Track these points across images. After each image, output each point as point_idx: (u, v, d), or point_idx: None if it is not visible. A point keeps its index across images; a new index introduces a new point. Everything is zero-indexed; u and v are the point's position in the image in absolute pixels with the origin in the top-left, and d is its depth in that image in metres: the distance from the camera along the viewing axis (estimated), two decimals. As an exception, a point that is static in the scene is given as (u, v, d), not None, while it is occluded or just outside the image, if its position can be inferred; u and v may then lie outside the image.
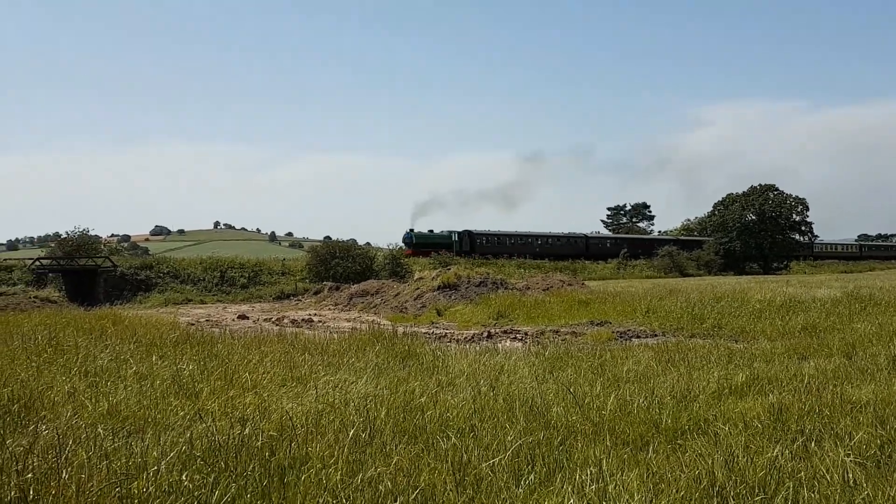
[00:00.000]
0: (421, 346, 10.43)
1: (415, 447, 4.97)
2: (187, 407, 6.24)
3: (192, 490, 3.73)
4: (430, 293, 21.49)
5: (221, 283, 37.77)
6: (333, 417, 5.73)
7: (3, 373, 7.69)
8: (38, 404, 6.31)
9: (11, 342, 10.55)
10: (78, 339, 10.89)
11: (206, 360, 8.74)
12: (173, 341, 10.78)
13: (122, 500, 3.52)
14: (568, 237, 70.74)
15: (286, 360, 8.80)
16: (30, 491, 3.33)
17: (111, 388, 7.03)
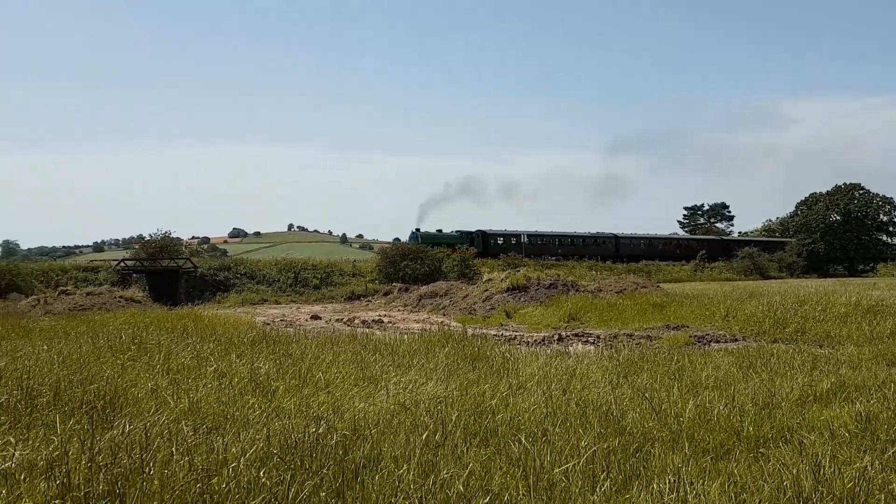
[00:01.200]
0: (490, 348, 10.38)
1: (486, 450, 4.93)
2: (264, 405, 6.38)
3: (270, 487, 3.79)
4: (498, 295, 21.40)
5: (295, 284, 38.70)
6: (404, 418, 5.75)
7: (90, 370, 8.03)
8: (122, 401, 6.57)
9: (98, 341, 11.04)
10: (160, 338, 11.32)
11: (282, 360, 8.93)
12: (250, 340, 11.06)
13: (203, 495, 3.61)
14: (595, 237, 66.16)
15: (358, 361, 8.90)
16: (117, 485, 3.45)
17: (192, 385, 7.27)
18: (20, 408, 6.17)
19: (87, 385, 7.04)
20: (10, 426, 5.60)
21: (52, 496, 3.42)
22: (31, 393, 6.63)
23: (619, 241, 66.25)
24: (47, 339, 11.53)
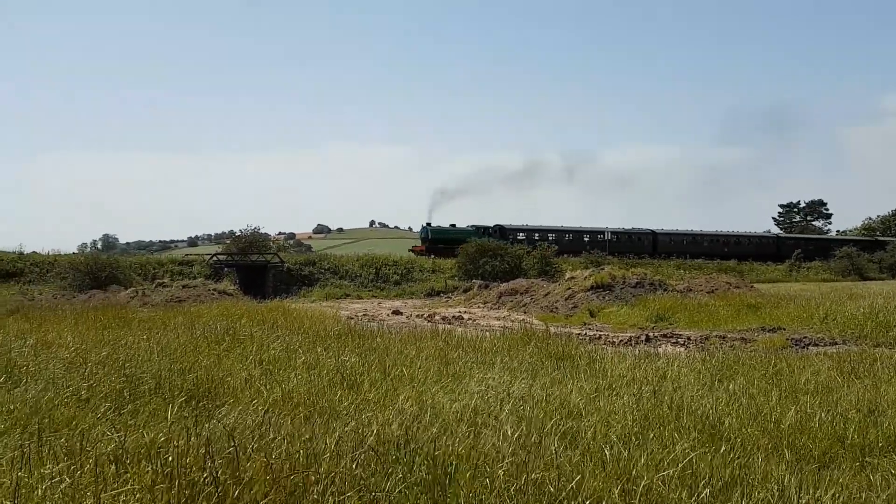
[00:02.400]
0: (575, 347, 10.21)
1: (575, 452, 4.84)
2: (351, 397, 6.48)
3: (364, 479, 3.83)
4: (581, 293, 21.05)
5: (376, 280, 39.32)
6: (490, 416, 5.72)
7: (188, 360, 8.38)
8: (219, 390, 6.81)
9: (194, 331, 11.50)
10: (252, 330, 11.70)
11: (366, 354, 9.07)
12: (336, 334, 11.29)
13: (300, 485, 3.67)
14: (630, 233, 60.60)
15: (441, 356, 8.93)
16: (219, 471, 3.55)
17: (283, 376, 7.47)
18: (125, 395, 6.49)
19: (187, 374, 7.34)
20: (116, 411, 5.90)
21: (158, 480, 3.55)
22: (135, 381, 6.96)
23: (657, 237, 61.09)
24: (146, 330, 12.11)
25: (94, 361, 8.09)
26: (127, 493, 3.36)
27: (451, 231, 54.81)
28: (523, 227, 57.88)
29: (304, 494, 3.65)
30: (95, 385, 6.77)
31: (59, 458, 4.02)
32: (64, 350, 9.12)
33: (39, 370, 7.44)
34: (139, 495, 3.35)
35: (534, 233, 57.03)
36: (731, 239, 64.13)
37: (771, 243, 65.60)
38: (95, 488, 3.37)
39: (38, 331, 11.71)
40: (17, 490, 3.17)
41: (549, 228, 58.77)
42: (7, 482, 3.33)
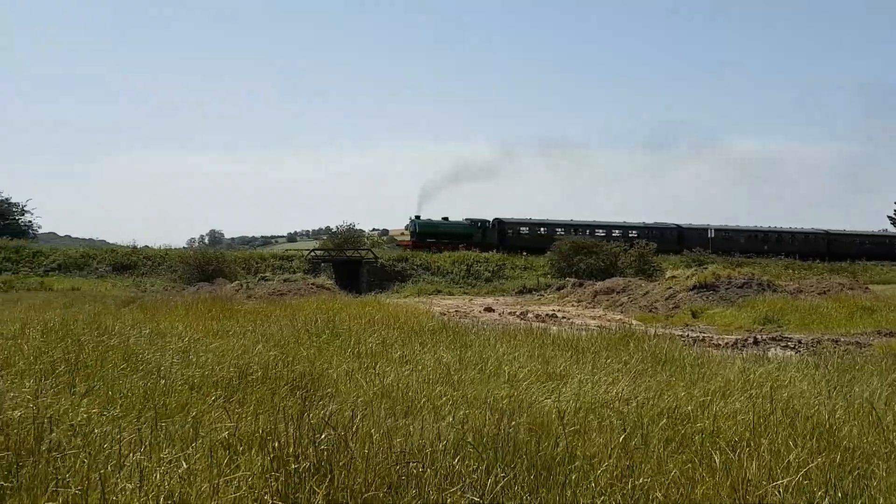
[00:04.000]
0: (678, 349, 9.84)
1: (681, 457, 4.65)
2: (449, 393, 6.48)
3: (465, 475, 3.80)
4: (683, 293, 20.35)
5: (467, 276, 39.52)
6: (592, 418, 5.58)
7: (291, 351, 8.62)
8: (320, 381, 6.97)
9: (296, 324, 11.86)
10: (349, 324, 11.95)
11: (462, 350, 9.06)
12: (430, 329, 11.36)
13: (402, 478, 3.68)
14: (652, 228, 54.87)
15: (538, 355, 8.80)
16: (325, 461, 3.61)
17: (381, 370, 7.56)
18: (233, 383, 6.74)
19: (290, 365, 7.56)
20: (226, 399, 6.12)
21: (267, 468, 3.64)
22: (242, 370, 7.22)
23: (683, 232, 55.55)
24: (251, 321, 12.59)
25: (204, 351, 8.46)
26: (240, 478, 3.46)
27: (441, 225, 50.89)
28: (528, 221, 53.09)
29: (406, 488, 3.65)
30: (207, 373, 7.06)
31: (175, 443, 4.21)
32: (177, 339, 9.59)
33: (155, 358, 7.83)
34: (251, 481, 3.44)
35: (537, 227, 52.60)
36: (785, 236, 58.73)
37: (820, 240, 59.31)
38: (210, 473, 3.49)
39: (152, 321, 12.38)
40: (141, 474, 3.32)
41: (558, 222, 53.76)
42: (129, 465, 3.50)
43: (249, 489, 3.38)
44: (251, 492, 3.37)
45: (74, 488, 3.14)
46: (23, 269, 35.15)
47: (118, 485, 3.19)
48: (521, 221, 52.90)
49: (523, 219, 53.25)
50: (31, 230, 49.95)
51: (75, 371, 6.82)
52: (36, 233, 51.03)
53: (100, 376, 6.69)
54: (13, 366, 6.91)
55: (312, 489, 3.40)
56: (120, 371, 7.01)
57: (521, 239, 51.46)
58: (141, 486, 3.22)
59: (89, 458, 3.68)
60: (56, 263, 36.62)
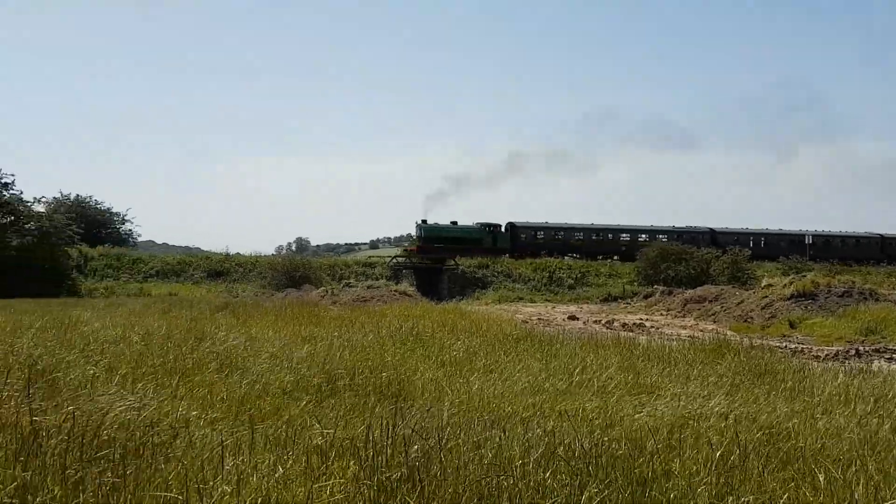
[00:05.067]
0: (777, 361, 9.38)
1: (784, 475, 4.40)
2: (536, 403, 6.38)
3: (557, 490, 3.71)
4: (779, 302, 19.42)
5: (549, 284, 39.13)
6: (688, 433, 5.36)
7: (376, 358, 8.71)
8: (406, 389, 6.99)
9: (380, 330, 12.00)
10: (433, 331, 11.99)
11: (548, 359, 8.92)
12: (515, 338, 11.25)
13: (492, 490, 3.62)
14: (682, 232, 51.06)
15: (628, 366, 8.57)
16: (414, 471, 3.59)
17: (466, 378, 7.52)
18: (323, 389, 6.85)
19: (376, 372, 7.63)
20: (316, 405, 6.23)
21: (359, 475, 3.66)
22: (331, 376, 7.34)
23: (716, 236, 52.24)
24: (338, 327, 12.83)
25: (294, 356, 8.66)
26: (333, 485, 3.49)
27: (449, 229, 48.19)
28: (542, 225, 50.39)
29: (496, 500, 3.59)
30: (297, 378, 7.21)
31: (270, 447, 4.30)
32: (268, 344, 9.87)
33: (248, 363, 8.07)
34: (344, 487, 3.46)
35: (555, 231, 49.97)
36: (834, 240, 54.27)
37: (874, 245, 54.91)
38: (305, 478, 3.54)
39: (244, 325, 12.81)
40: (240, 477, 3.40)
41: (576, 226, 51.00)
42: (228, 467, 3.59)
43: (343, 496, 3.40)
44: (345, 498, 3.39)
45: (177, 490, 3.23)
46: (123, 276, 37.13)
47: (217, 487, 3.27)
48: (537, 225, 50.50)
49: (539, 223, 50.89)
50: (131, 238, 52.78)
51: (175, 374, 7.10)
52: (136, 241, 53.89)
53: (198, 380, 6.95)
54: (117, 369, 7.25)
55: (403, 498, 3.39)
56: (216, 375, 7.25)
57: (536, 244, 49.00)
58: (239, 490, 3.29)
59: (189, 459, 3.80)
60: (154, 270, 38.52)
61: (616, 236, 50.87)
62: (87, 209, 49.32)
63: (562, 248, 48.55)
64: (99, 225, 48.93)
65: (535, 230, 50.15)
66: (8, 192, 32.35)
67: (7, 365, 7.03)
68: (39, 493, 3.04)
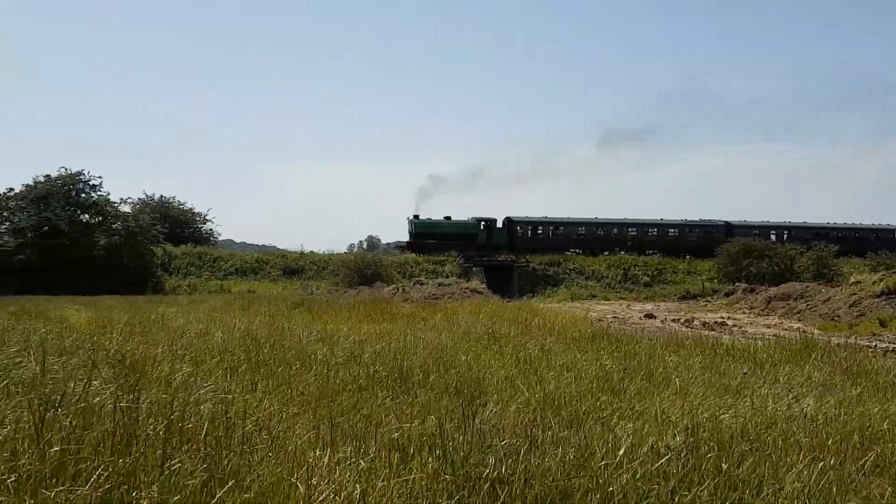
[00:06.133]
0: (869, 361, 8.90)
1: (882, 481, 4.17)
2: (615, 403, 6.23)
3: (646, 492, 3.60)
4: (869, 300, 18.46)
5: (624, 281, 38.43)
6: (777, 435, 5.13)
7: (450, 355, 8.70)
8: (481, 386, 6.95)
9: (452, 328, 12.02)
10: (506, 328, 11.93)
11: (626, 358, 8.72)
12: (590, 336, 11.06)
13: (577, 491, 3.54)
14: (694, 226, 48.50)
15: (710, 366, 8.30)
16: (497, 469, 3.55)
17: (541, 376, 7.43)
18: (397, 384, 6.89)
19: (450, 368, 7.63)
20: (392, 400, 6.27)
21: (439, 471, 3.64)
22: (405, 372, 7.38)
23: (733, 229, 48.42)
24: (409, 324, 12.93)
25: (368, 352, 8.76)
26: (413, 480, 3.48)
27: (441, 224, 46.54)
28: (541, 220, 48.14)
29: (582, 501, 3.51)
30: (372, 374, 7.28)
31: (350, 442, 4.34)
32: (343, 340, 10.02)
33: (325, 358, 8.21)
34: (425, 484, 3.45)
35: (555, 226, 47.69)
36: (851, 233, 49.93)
37: None
38: (386, 473, 3.55)
39: (319, 321, 13.07)
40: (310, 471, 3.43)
41: (580, 221, 48.45)
42: (311, 461, 3.64)
43: (424, 492, 3.38)
44: (426, 495, 3.38)
45: (264, 482, 3.29)
46: (205, 274, 38.52)
47: (301, 480, 3.31)
48: (536, 220, 48.21)
49: (538, 217, 48.54)
50: (211, 237, 54.60)
51: (256, 369, 7.29)
52: (216, 240, 55.72)
53: (277, 374, 7.11)
54: (202, 364, 7.49)
55: (486, 497, 3.35)
56: (295, 370, 7.40)
57: (535, 239, 47.06)
58: (322, 483, 3.32)
59: (274, 452, 3.87)
60: (233, 268, 39.80)
61: (622, 230, 48.53)
62: (171, 209, 51.31)
63: (563, 243, 46.82)
64: (181, 224, 50.84)
65: (533, 225, 48.16)
66: (96, 194, 33.97)
67: (100, 359, 7.37)
68: (140, 481, 3.14)
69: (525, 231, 47.38)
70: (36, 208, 31.74)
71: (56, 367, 6.39)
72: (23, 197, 32.43)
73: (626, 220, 49.10)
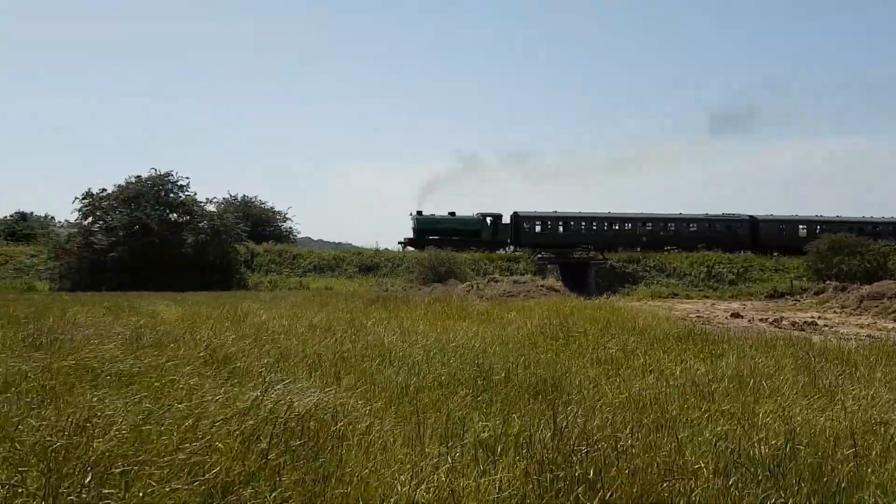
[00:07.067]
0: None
1: None
2: (703, 406, 6.05)
3: (740, 497, 3.48)
4: (973, 299, 17.30)
5: (708, 279, 37.28)
6: (874, 440, 4.87)
7: (528, 354, 8.64)
8: (562, 386, 6.86)
9: (530, 327, 11.91)
10: (585, 328, 11.74)
11: (713, 360, 8.45)
12: (675, 336, 10.76)
13: (670, 495, 3.46)
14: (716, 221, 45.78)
15: (802, 367, 7.95)
16: (590, 471, 3.49)
17: (624, 377, 7.27)
18: (478, 383, 6.89)
19: (529, 368, 7.57)
20: (473, 398, 6.27)
21: (528, 472, 3.61)
22: (485, 370, 7.37)
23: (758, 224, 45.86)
24: (485, 322, 12.91)
25: (446, 350, 8.80)
26: (501, 480, 3.47)
27: (444, 220, 45.47)
28: (550, 215, 46.20)
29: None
30: (452, 372, 7.31)
31: (435, 439, 4.36)
32: (421, 337, 10.10)
33: (405, 355, 8.29)
34: (514, 484, 3.43)
35: (565, 222, 45.63)
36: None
37: None
38: (473, 471, 3.55)
39: (395, 318, 13.21)
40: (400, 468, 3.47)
41: (592, 216, 46.37)
42: (401, 458, 3.68)
43: (513, 492, 3.37)
44: (515, 494, 3.36)
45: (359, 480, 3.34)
46: (285, 270, 39.59)
47: (394, 476, 3.35)
48: (544, 215, 46.32)
49: (546, 212, 46.63)
50: (291, 235, 56.02)
51: (339, 365, 7.43)
52: (295, 238, 57.14)
53: (359, 370, 7.22)
54: (288, 359, 7.70)
55: (578, 499, 3.30)
56: (376, 366, 7.50)
57: (543, 235, 45.32)
58: (412, 480, 3.35)
59: (364, 448, 3.93)
60: (312, 265, 40.75)
61: (635, 226, 46.18)
62: (253, 208, 52.90)
63: (572, 239, 44.95)
64: (263, 223, 52.37)
65: (542, 220, 46.35)
66: (184, 194, 35.33)
67: (192, 354, 7.69)
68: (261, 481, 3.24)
69: (532, 227, 45.83)
70: (127, 208, 33.28)
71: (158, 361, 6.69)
72: (115, 197, 34.03)
73: (641, 215, 47.12)
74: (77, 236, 33.28)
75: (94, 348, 7.39)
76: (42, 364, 6.12)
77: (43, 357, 6.60)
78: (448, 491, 3.24)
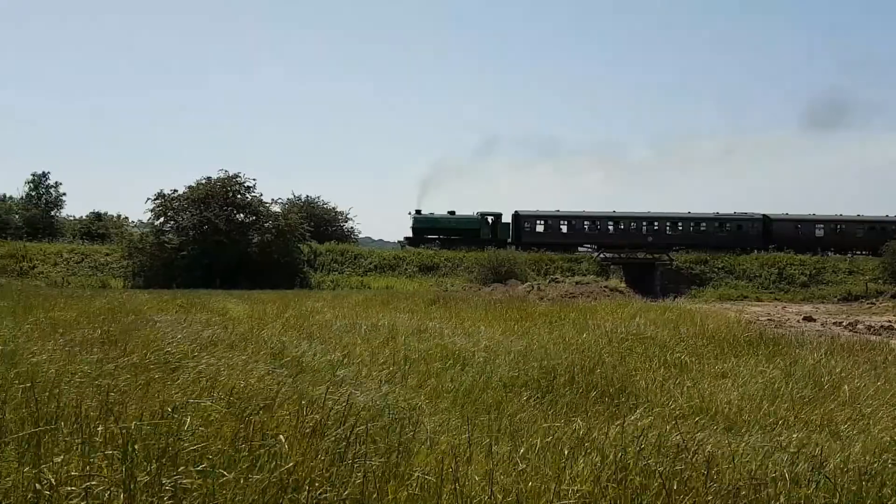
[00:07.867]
0: None
1: None
2: (779, 413, 5.86)
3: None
4: None
5: (779, 281, 36.13)
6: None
7: (593, 356, 8.50)
8: (629, 389, 6.74)
9: (594, 328, 11.74)
10: (652, 330, 11.51)
11: (787, 364, 8.17)
12: (746, 340, 10.46)
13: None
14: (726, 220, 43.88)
15: (882, 374, 7.62)
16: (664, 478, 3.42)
17: (694, 381, 7.09)
18: (541, 384, 6.83)
19: (594, 370, 7.46)
20: (537, 399, 6.22)
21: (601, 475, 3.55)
22: (549, 372, 7.30)
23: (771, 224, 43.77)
24: (547, 323, 12.78)
25: (509, 351, 8.75)
26: (574, 482, 3.42)
27: (442, 219, 44.99)
28: (553, 214, 45.06)
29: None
30: (515, 373, 7.27)
31: (503, 440, 4.34)
32: (482, 338, 10.08)
33: (468, 356, 8.29)
34: (586, 487, 3.38)
35: (567, 221, 44.59)
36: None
37: None
38: (545, 474, 3.51)
39: (456, 318, 13.21)
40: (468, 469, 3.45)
41: (596, 215, 45.19)
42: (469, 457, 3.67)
43: (586, 495, 3.31)
44: (588, 497, 3.31)
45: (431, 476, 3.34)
46: (346, 270, 40.12)
47: (468, 476, 3.34)
48: (546, 215, 45.18)
49: (549, 211, 45.48)
50: (353, 235, 56.80)
51: (404, 364, 7.48)
52: (357, 237, 57.90)
53: (423, 370, 7.26)
54: (356, 357, 7.80)
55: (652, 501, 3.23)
56: (440, 367, 7.52)
57: (545, 234, 44.22)
58: (487, 481, 3.32)
59: (433, 447, 3.94)
60: (372, 265, 41.18)
61: (640, 226, 44.76)
62: (316, 209, 53.80)
63: (574, 239, 44.25)
64: (325, 223, 53.22)
65: (543, 219, 45.23)
66: (250, 195, 36.26)
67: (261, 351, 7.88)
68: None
69: (533, 226, 44.88)
70: (197, 208, 34.36)
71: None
72: (186, 198, 35.16)
73: (647, 215, 45.65)
74: (149, 236, 34.60)
75: (176, 346, 7.63)
76: (129, 360, 6.33)
77: (121, 353, 6.83)
78: (519, 492, 3.21)
